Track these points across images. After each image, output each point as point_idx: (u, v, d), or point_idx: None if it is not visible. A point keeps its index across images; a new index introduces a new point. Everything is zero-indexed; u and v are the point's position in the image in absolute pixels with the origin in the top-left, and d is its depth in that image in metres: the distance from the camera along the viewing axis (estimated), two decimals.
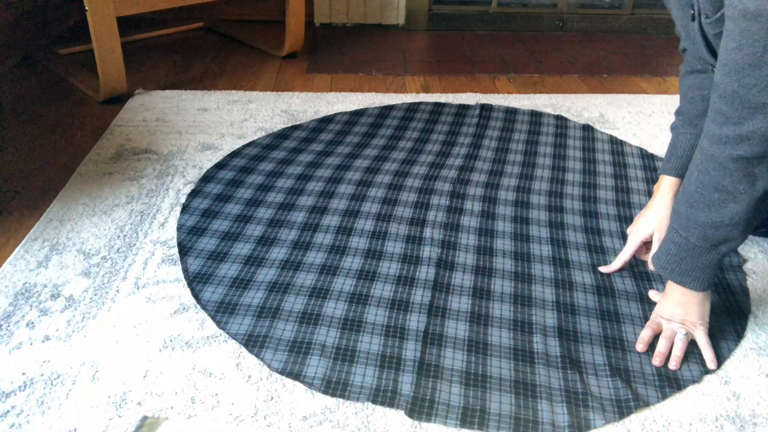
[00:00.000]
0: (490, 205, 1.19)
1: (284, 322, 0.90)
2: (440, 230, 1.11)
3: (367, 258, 1.03)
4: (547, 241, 1.09)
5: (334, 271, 1.00)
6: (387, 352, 0.85)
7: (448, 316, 0.92)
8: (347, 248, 1.06)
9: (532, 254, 1.06)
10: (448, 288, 0.98)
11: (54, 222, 1.10)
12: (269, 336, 0.87)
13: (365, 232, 1.10)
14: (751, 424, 0.77)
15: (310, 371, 0.82)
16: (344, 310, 0.92)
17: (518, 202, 1.20)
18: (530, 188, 1.25)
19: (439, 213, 1.16)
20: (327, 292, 0.96)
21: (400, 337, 0.88)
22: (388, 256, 1.04)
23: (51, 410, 0.76)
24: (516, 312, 0.93)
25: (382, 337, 0.88)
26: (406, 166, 1.32)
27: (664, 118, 1.59)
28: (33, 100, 1.60)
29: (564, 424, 0.76)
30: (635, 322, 0.92)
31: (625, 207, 1.20)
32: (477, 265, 1.03)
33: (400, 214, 1.15)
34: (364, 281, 0.98)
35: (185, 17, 2.25)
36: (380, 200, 1.19)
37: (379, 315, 0.92)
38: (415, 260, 1.03)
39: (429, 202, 1.19)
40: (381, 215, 1.15)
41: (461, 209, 1.18)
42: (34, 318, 0.89)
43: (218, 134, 1.44)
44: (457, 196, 1.22)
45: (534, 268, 1.03)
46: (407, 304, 0.94)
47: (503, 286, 0.99)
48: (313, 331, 0.88)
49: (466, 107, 1.62)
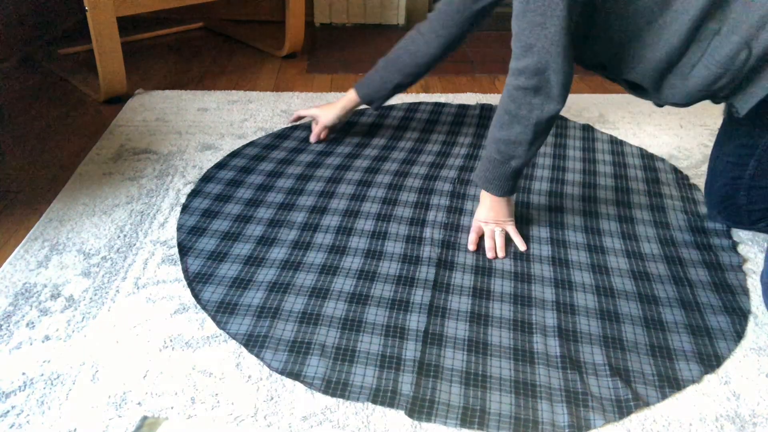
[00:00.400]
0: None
1: (284, 322, 0.90)
2: (440, 230, 1.11)
3: (367, 258, 1.03)
4: (547, 241, 1.09)
5: (334, 271, 1.00)
6: (387, 352, 0.85)
7: (448, 315, 0.92)
8: (347, 248, 1.06)
9: (532, 254, 1.06)
10: (448, 288, 0.98)
11: (54, 222, 1.10)
12: (269, 336, 0.87)
13: (365, 232, 1.10)
14: (751, 424, 0.77)
15: (310, 371, 0.82)
16: (344, 310, 0.92)
17: (518, 203, 1.20)
18: (530, 188, 1.25)
19: (440, 213, 1.16)
20: (327, 292, 0.96)
21: (400, 337, 0.88)
22: (388, 256, 1.04)
23: (51, 410, 0.76)
24: (516, 312, 0.93)
25: (382, 337, 0.88)
26: (406, 166, 1.32)
27: (664, 118, 1.59)
28: (33, 100, 1.60)
29: (564, 424, 0.76)
30: (635, 322, 0.92)
31: (625, 207, 1.20)
32: (477, 265, 1.03)
33: (400, 214, 1.15)
34: (364, 281, 0.98)
35: (185, 17, 2.25)
36: (380, 200, 1.19)
37: (379, 315, 0.92)
38: (415, 260, 1.03)
39: (429, 202, 1.19)
40: (381, 215, 1.15)
41: (461, 209, 1.18)
42: (34, 318, 0.89)
43: (218, 134, 1.44)
44: (457, 196, 1.22)
45: (534, 268, 1.03)
46: (407, 304, 0.94)
47: (503, 286, 0.99)
48: (313, 331, 0.88)
49: (466, 107, 1.62)
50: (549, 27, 0.87)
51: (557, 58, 0.89)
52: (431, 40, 1.23)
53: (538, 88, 0.92)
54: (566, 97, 0.93)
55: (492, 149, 1.01)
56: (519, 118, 0.95)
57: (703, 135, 1.51)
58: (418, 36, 1.24)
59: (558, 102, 0.93)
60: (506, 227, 1.09)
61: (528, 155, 1.00)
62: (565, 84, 0.92)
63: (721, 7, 0.87)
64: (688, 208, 1.20)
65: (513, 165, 1.01)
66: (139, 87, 1.69)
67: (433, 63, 1.26)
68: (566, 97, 0.93)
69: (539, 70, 0.90)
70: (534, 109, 0.94)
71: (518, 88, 0.93)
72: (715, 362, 0.86)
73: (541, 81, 0.91)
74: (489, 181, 1.04)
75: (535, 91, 0.92)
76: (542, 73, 0.91)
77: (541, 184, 1.27)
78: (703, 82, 0.91)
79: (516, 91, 0.94)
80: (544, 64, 0.89)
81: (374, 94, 1.32)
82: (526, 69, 0.91)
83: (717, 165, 1.11)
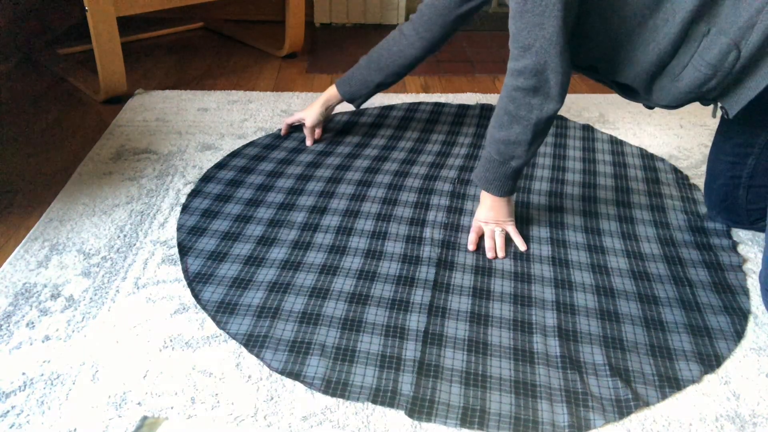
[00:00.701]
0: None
1: (284, 322, 0.90)
2: (440, 230, 1.11)
3: (367, 258, 1.03)
4: (547, 241, 1.09)
5: (334, 271, 1.00)
6: (387, 352, 0.85)
7: (448, 315, 0.92)
8: (347, 248, 1.06)
9: (532, 254, 1.06)
10: (448, 288, 0.98)
11: (54, 222, 1.10)
12: (269, 336, 0.87)
13: (365, 232, 1.10)
14: (751, 424, 0.77)
15: (310, 371, 0.82)
16: (344, 310, 0.92)
17: (518, 203, 1.20)
18: (530, 188, 1.25)
19: (440, 213, 1.16)
20: (327, 292, 0.96)
21: (400, 337, 0.88)
22: (388, 256, 1.04)
23: (51, 410, 0.76)
24: (516, 312, 0.93)
25: (382, 337, 0.88)
26: (406, 166, 1.32)
27: (664, 118, 1.59)
28: (33, 100, 1.60)
29: (564, 424, 0.76)
30: (635, 322, 0.92)
31: (625, 207, 1.20)
32: (477, 264, 1.03)
33: (400, 214, 1.15)
34: (364, 281, 0.98)
35: (185, 17, 2.25)
36: (380, 200, 1.19)
37: (379, 315, 0.92)
38: (415, 260, 1.03)
39: (429, 202, 1.19)
40: (381, 215, 1.15)
41: (461, 209, 1.17)
42: (34, 318, 0.89)
43: (218, 134, 1.44)
44: (457, 196, 1.22)
45: (534, 267, 1.03)
46: (407, 304, 0.94)
47: (503, 285, 0.99)
48: (313, 331, 0.88)
49: (466, 107, 1.62)
50: (547, 27, 0.87)
51: (555, 58, 0.89)
52: (414, 42, 1.23)
53: (537, 89, 0.92)
54: (564, 96, 0.94)
55: (491, 149, 1.02)
56: (518, 118, 0.96)
57: (703, 135, 1.51)
58: (401, 37, 1.25)
59: (557, 101, 0.93)
60: (506, 227, 1.09)
61: (528, 155, 1.00)
62: (563, 83, 0.92)
63: (710, 8, 0.87)
64: (688, 208, 1.20)
65: (513, 165, 1.01)
66: (139, 87, 1.69)
67: (414, 64, 1.27)
68: (564, 96, 0.94)
69: (538, 70, 0.90)
70: (533, 110, 0.94)
71: (517, 88, 0.94)
72: (715, 362, 0.86)
73: (540, 81, 0.91)
74: (489, 181, 1.04)
75: (534, 92, 0.93)
76: (541, 74, 0.91)
77: (541, 184, 1.27)
78: (693, 83, 0.91)
79: (515, 91, 0.94)
80: (542, 64, 0.90)
81: (356, 92, 1.33)
82: (525, 69, 0.91)
83: (716, 165, 1.11)
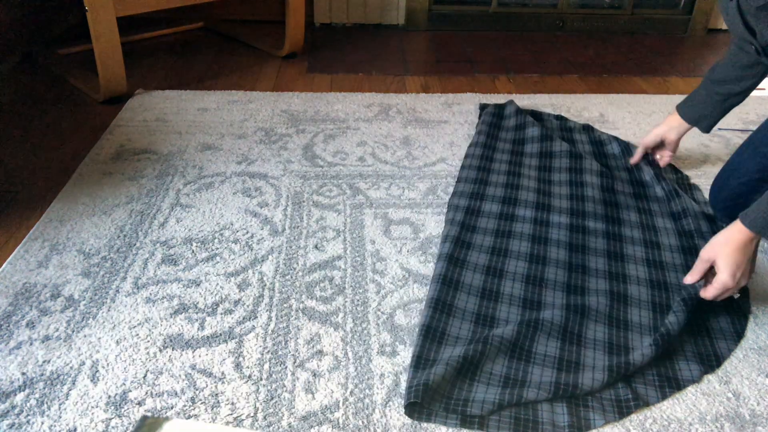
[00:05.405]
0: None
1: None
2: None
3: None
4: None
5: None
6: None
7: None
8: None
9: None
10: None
11: (54, 222, 1.10)
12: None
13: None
14: (751, 424, 0.77)
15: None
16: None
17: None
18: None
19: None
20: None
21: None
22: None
23: (51, 410, 0.76)
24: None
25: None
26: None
27: (663, 118, 1.59)
28: (33, 100, 1.60)
29: (564, 424, 0.76)
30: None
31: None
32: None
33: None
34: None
35: (185, 17, 2.25)
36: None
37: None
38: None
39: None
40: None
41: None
42: (34, 318, 0.89)
43: (218, 134, 1.44)
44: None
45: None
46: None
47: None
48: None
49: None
50: None
51: None
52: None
53: None
54: None
55: None
56: None
57: (703, 135, 1.51)
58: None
59: None
60: (741, 283, 0.88)
61: None
62: None
63: None
64: None
65: None
66: (139, 87, 1.69)
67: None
68: None
69: None
70: None
71: None
72: (715, 362, 0.86)
73: None
74: None
75: None
76: None
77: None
78: None
79: None
80: None
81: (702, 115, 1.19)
82: None
83: (744, 161, 1.06)
